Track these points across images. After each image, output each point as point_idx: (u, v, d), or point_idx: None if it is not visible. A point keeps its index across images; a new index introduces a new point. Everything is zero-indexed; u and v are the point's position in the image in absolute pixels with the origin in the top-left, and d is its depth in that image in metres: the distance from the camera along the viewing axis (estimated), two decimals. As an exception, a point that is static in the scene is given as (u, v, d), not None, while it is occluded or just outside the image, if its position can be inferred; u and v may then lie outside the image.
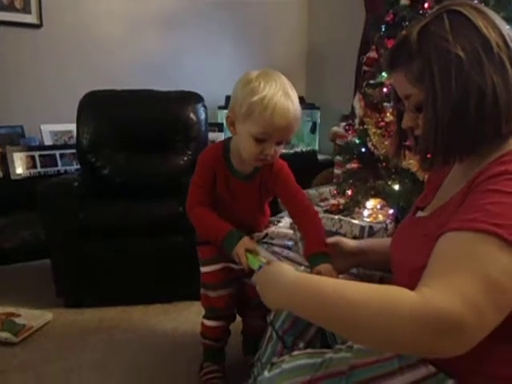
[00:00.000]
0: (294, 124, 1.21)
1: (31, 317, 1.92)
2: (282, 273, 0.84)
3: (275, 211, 2.39)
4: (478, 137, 0.78)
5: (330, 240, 1.23)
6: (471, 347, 0.65)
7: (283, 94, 1.17)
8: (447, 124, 0.78)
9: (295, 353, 0.89)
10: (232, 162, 1.33)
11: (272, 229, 1.52)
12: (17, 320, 1.88)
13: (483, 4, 1.64)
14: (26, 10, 2.76)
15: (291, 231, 1.48)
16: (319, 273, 1.14)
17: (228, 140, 1.35)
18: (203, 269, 1.47)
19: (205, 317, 1.54)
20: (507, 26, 0.80)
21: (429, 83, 0.79)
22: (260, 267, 0.96)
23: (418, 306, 0.65)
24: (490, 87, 0.75)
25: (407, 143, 0.96)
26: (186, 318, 1.96)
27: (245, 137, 1.21)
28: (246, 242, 1.19)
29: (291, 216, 1.38)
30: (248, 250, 1.17)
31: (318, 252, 1.21)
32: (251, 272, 1.06)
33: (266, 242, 1.42)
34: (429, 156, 0.84)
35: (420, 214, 0.95)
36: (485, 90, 0.75)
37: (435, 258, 0.72)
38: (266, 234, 1.47)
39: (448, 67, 0.77)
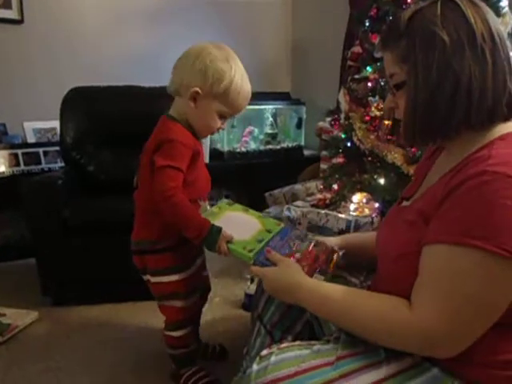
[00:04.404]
0: None
1: (17, 316, 1.89)
2: (293, 282, 0.94)
3: (262, 207, 2.39)
4: (449, 122, 0.81)
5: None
6: (462, 350, 0.75)
7: (246, 77, 1.29)
8: (423, 104, 0.81)
9: (283, 345, 0.90)
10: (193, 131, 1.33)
11: None
12: (2, 319, 1.86)
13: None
14: (6, 5, 2.71)
15: None
16: None
17: (172, 117, 1.32)
18: (169, 278, 1.36)
19: (170, 329, 1.44)
20: (499, 23, 0.82)
21: (412, 62, 0.82)
22: (255, 261, 1.06)
23: (413, 326, 0.76)
24: (467, 75, 0.77)
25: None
26: (174, 314, 1.96)
27: (209, 112, 1.28)
28: (225, 235, 1.17)
29: None
30: (228, 242, 1.17)
31: None
32: None
33: None
34: (409, 135, 0.88)
35: (405, 203, 0.97)
36: (460, 77, 0.77)
37: (424, 273, 0.78)
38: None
39: (432, 49, 0.79)
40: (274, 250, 1.08)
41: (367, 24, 2.01)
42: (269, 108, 3.39)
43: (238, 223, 1.24)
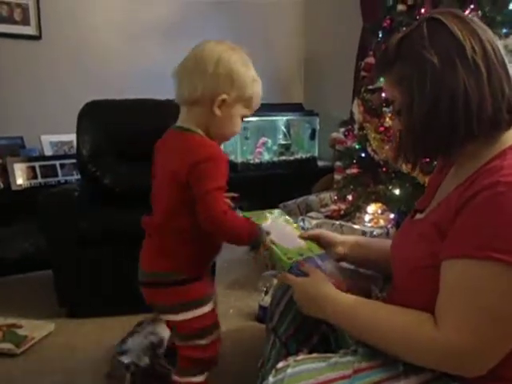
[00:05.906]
0: None
1: (33, 328, 1.91)
2: (320, 293, 0.94)
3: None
4: (451, 139, 0.80)
5: (312, 232, 1.25)
6: (491, 367, 0.73)
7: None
8: (421, 126, 0.81)
9: (300, 357, 0.89)
10: None
11: None
12: (19, 331, 1.88)
13: (477, 10, 1.66)
14: (25, 21, 2.78)
15: None
16: None
17: (188, 129, 1.20)
18: (203, 309, 1.22)
19: (194, 374, 1.24)
20: (491, 34, 0.82)
21: (406, 87, 0.83)
22: (290, 269, 1.06)
23: (437, 343, 0.75)
24: (462, 89, 0.77)
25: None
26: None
27: (234, 118, 1.22)
28: (269, 236, 1.16)
29: None
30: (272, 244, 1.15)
31: None
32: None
33: None
34: (409, 157, 0.89)
35: (418, 216, 0.96)
36: (456, 92, 0.77)
37: (443, 289, 0.77)
38: None
39: (423, 73, 0.80)
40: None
41: (381, 35, 2.01)
42: (282, 119, 3.41)
43: (283, 233, 1.24)
